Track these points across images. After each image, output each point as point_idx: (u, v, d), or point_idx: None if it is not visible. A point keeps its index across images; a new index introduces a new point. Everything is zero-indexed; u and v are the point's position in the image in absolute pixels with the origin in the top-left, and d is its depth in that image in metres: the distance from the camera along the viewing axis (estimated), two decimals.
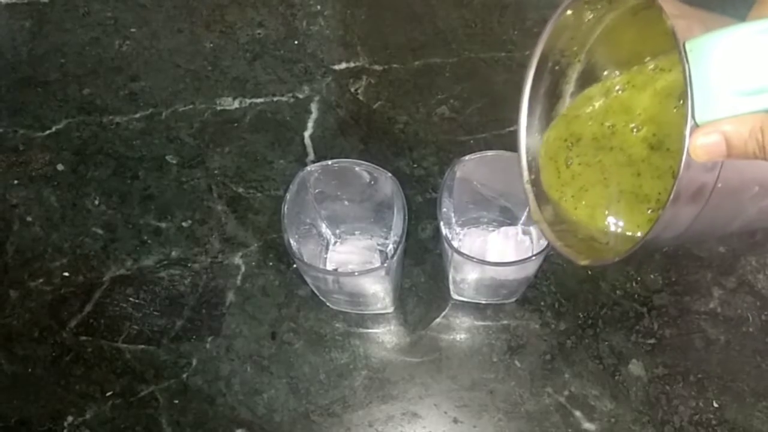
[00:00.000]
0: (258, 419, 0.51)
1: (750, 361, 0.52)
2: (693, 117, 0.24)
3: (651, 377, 0.51)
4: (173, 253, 0.57)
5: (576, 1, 0.33)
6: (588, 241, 0.36)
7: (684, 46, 0.24)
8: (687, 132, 0.25)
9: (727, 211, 0.29)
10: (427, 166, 0.60)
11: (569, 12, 0.34)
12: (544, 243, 0.45)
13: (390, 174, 0.47)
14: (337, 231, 0.55)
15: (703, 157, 0.25)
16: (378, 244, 0.55)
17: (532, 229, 0.52)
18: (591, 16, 0.35)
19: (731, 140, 0.24)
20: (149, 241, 0.57)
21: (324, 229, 0.54)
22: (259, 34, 0.67)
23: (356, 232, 0.55)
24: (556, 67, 0.38)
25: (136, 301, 0.55)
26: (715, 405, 0.50)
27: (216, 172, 0.60)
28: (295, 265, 0.55)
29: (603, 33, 0.36)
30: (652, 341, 0.52)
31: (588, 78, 0.38)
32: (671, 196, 0.26)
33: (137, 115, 0.63)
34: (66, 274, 0.56)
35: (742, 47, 0.23)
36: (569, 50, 0.37)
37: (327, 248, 0.55)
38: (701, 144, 0.24)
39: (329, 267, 0.54)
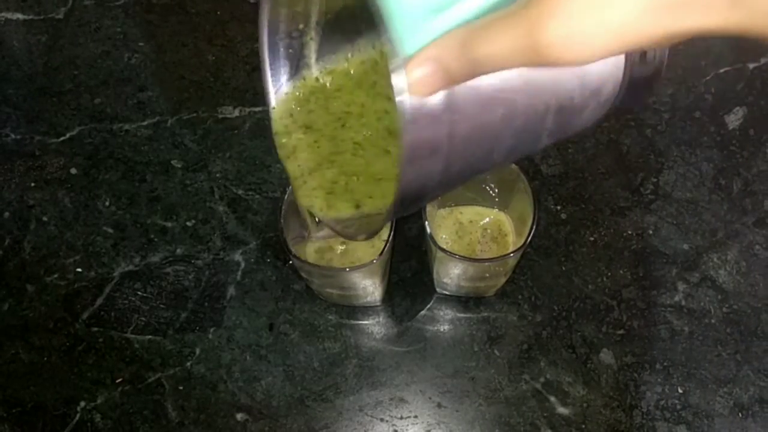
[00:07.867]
0: (257, 404, 0.52)
1: (712, 350, 0.53)
2: (399, 55, 0.20)
3: (620, 365, 0.53)
4: (178, 251, 0.58)
5: None
6: (366, 218, 0.32)
7: None
8: (395, 73, 0.20)
9: (482, 142, 0.24)
10: None
11: None
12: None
13: None
14: None
15: (426, 91, 0.21)
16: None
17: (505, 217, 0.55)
18: None
19: (445, 63, 0.20)
20: (156, 240, 0.59)
21: None
22: (257, 47, 0.68)
23: None
24: (290, 50, 0.33)
25: (144, 294, 0.57)
26: (680, 391, 0.52)
27: (218, 175, 0.61)
28: (291, 262, 0.57)
29: (321, 4, 0.31)
30: (621, 332, 0.54)
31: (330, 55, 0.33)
32: (404, 155, 0.22)
33: (145, 123, 0.64)
34: (79, 269, 0.58)
35: None
36: (295, 30, 0.32)
37: None
38: (420, 77, 0.20)
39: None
